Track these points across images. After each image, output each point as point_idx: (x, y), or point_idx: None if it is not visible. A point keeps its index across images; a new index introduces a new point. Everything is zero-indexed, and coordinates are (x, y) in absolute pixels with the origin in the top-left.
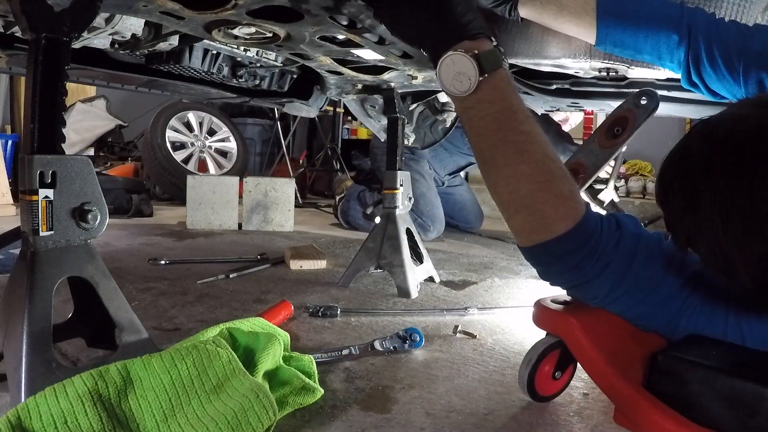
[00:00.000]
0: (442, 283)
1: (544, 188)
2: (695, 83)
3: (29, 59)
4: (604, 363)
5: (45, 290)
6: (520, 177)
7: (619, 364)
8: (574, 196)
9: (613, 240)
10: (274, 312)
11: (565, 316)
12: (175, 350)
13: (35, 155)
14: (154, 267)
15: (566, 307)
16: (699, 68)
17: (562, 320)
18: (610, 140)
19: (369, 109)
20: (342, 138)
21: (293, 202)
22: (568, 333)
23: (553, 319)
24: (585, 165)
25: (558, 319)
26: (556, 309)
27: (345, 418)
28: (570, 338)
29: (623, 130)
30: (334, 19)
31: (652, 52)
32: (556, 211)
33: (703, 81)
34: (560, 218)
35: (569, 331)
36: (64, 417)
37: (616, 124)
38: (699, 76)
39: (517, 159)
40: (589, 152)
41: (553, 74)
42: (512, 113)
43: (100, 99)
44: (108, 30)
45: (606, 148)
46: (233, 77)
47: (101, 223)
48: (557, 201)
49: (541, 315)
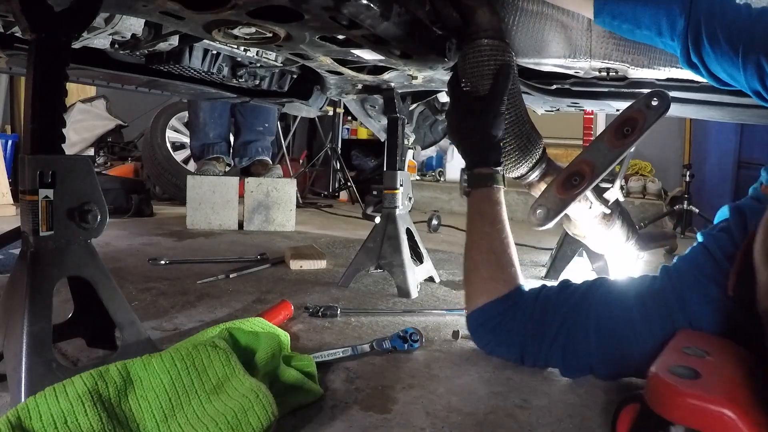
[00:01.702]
0: (442, 283)
1: (480, 272)
2: (694, 63)
3: (29, 59)
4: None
5: (45, 290)
6: (470, 260)
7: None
8: (501, 279)
9: (528, 312)
10: (274, 312)
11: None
12: (175, 350)
13: (35, 155)
14: (154, 267)
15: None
16: (699, 47)
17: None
18: (619, 140)
19: (369, 109)
20: (342, 138)
21: (294, 202)
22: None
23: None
24: (592, 164)
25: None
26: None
27: (345, 418)
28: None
29: (633, 130)
30: (334, 19)
31: (651, 25)
32: (482, 289)
33: (702, 61)
34: (483, 293)
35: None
36: (64, 417)
37: (626, 124)
38: (698, 55)
39: (473, 247)
40: (597, 151)
41: (554, 74)
42: (480, 217)
43: (100, 99)
44: (108, 30)
45: (615, 148)
46: (233, 77)
47: (101, 223)
48: (486, 282)
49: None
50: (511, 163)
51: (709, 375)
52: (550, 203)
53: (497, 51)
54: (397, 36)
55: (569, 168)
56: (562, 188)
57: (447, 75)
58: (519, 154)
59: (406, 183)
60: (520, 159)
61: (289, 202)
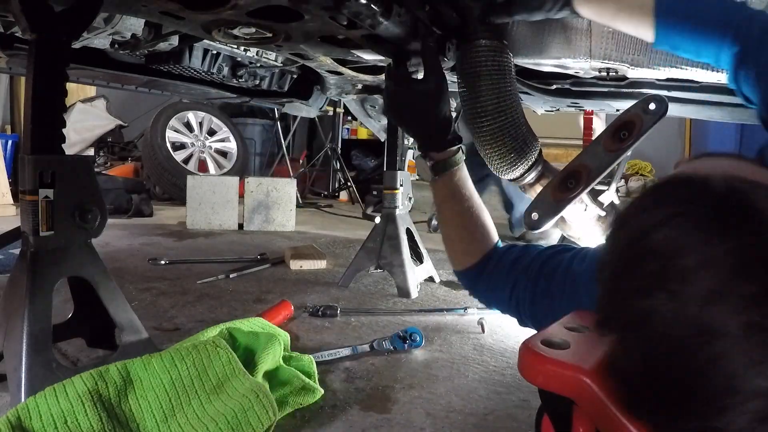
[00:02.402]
0: (442, 283)
1: (455, 245)
2: (733, 87)
3: (29, 59)
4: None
5: (45, 290)
6: (446, 236)
7: None
8: (474, 249)
9: (504, 269)
10: (274, 312)
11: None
12: (175, 350)
13: (35, 155)
14: (154, 267)
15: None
16: (737, 73)
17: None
18: (615, 144)
19: (369, 109)
20: (342, 138)
21: (295, 202)
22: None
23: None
24: (588, 167)
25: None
26: (557, 358)
27: (345, 418)
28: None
29: (629, 134)
30: (334, 19)
31: (710, 56)
32: (460, 256)
33: (737, 84)
34: (462, 260)
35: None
36: (64, 417)
37: (623, 128)
38: (734, 78)
39: (446, 224)
40: (593, 155)
41: (554, 74)
42: (451, 199)
43: (100, 99)
44: (108, 30)
45: (611, 152)
46: (233, 77)
47: (101, 223)
48: (464, 252)
49: (534, 364)
50: (507, 165)
51: (578, 346)
52: (545, 206)
53: (494, 52)
54: (397, 36)
55: (565, 170)
56: (557, 191)
57: (447, 75)
58: (515, 156)
59: (406, 183)
60: (516, 161)
61: (289, 202)
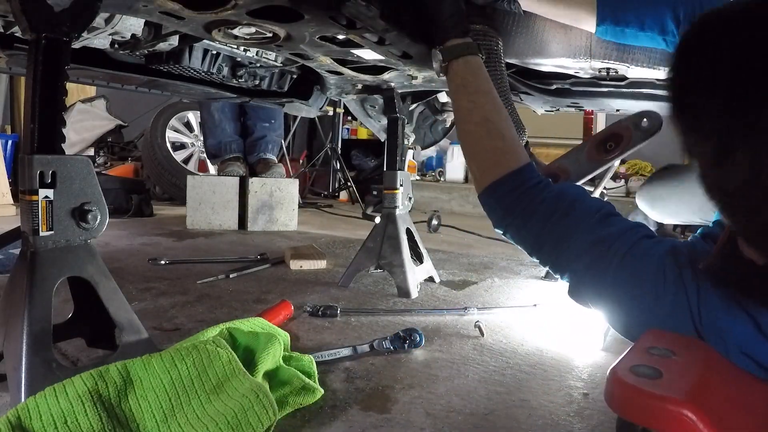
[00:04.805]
0: (442, 283)
1: (483, 143)
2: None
3: (29, 59)
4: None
5: (45, 290)
6: (468, 134)
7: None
8: (508, 150)
9: (541, 193)
10: (274, 312)
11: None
12: (175, 350)
13: (35, 155)
14: (154, 267)
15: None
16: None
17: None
18: (600, 154)
19: (369, 109)
20: (342, 138)
21: (297, 202)
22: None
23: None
24: (568, 171)
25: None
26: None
27: (345, 418)
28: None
29: (615, 146)
30: (334, 19)
31: (654, 25)
32: (490, 161)
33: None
34: (493, 166)
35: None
36: (64, 417)
37: (611, 139)
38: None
39: (467, 120)
40: (575, 160)
41: (554, 74)
42: (464, 88)
43: (100, 99)
44: (108, 30)
45: (593, 161)
46: (233, 77)
47: (101, 223)
48: (493, 153)
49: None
50: None
51: (671, 374)
52: None
53: (483, 35)
54: (396, 35)
55: (546, 169)
56: None
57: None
58: None
59: (406, 183)
60: None
61: (291, 202)
